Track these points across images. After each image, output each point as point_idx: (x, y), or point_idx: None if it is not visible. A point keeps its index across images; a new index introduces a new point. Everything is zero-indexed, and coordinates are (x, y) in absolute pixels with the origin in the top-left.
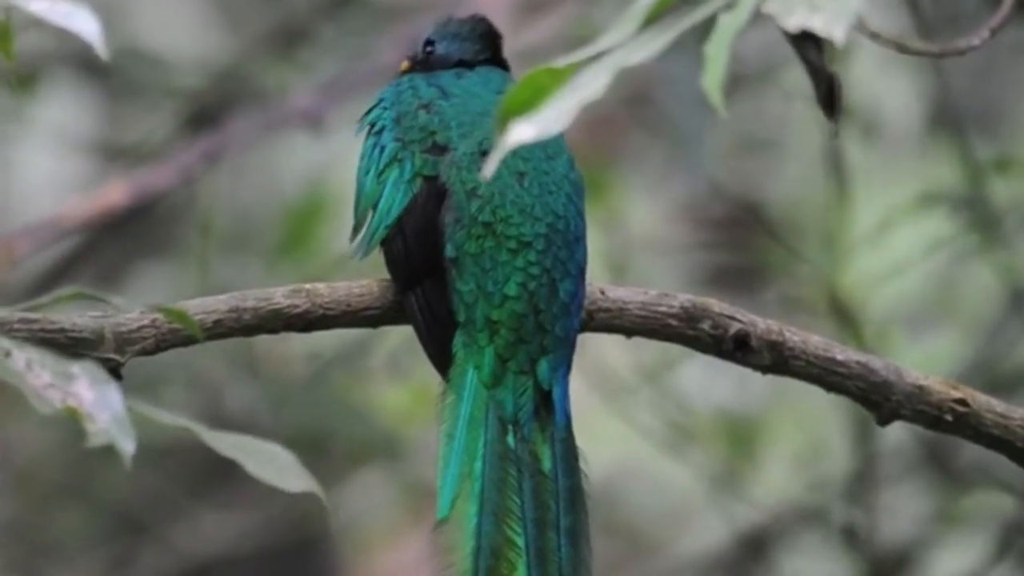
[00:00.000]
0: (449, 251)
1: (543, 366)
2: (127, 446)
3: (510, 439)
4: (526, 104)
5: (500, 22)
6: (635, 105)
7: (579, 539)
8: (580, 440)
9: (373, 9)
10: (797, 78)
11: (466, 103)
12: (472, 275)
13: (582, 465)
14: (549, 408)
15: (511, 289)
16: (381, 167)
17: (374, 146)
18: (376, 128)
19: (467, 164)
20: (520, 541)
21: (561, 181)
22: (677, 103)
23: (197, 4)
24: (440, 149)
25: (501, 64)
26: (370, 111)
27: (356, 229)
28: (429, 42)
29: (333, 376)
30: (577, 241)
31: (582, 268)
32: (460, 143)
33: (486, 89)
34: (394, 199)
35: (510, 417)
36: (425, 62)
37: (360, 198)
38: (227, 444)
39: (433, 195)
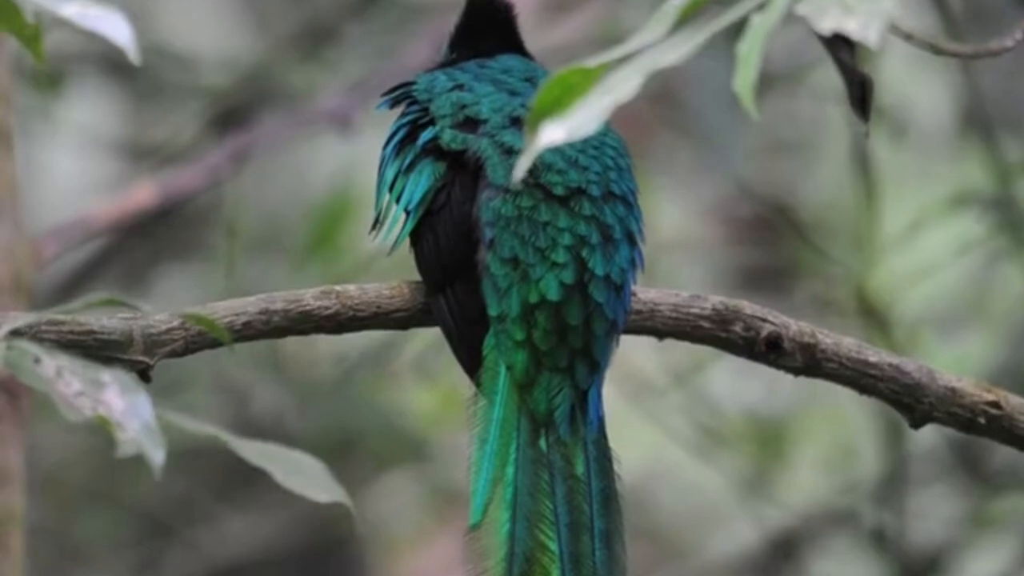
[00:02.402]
0: (486, 232)
1: (581, 364)
2: (157, 456)
3: (542, 443)
4: (556, 104)
5: (527, 20)
6: (664, 105)
7: (614, 542)
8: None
9: (401, 8)
10: (828, 78)
11: (495, 84)
12: (510, 247)
13: (616, 467)
14: (584, 409)
15: (559, 255)
16: (406, 150)
17: (399, 128)
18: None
19: (501, 127)
20: (554, 546)
21: (602, 139)
22: (707, 103)
23: (224, 4)
24: (472, 123)
25: (521, 51)
26: (399, 88)
27: (377, 222)
28: (452, 47)
29: (360, 378)
30: (630, 201)
31: (637, 235)
32: (492, 116)
33: (511, 74)
34: (418, 182)
35: (543, 419)
36: (452, 64)
37: (381, 184)
38: (255, 452)
39: (465, 186)
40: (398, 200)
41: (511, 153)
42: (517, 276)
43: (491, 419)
